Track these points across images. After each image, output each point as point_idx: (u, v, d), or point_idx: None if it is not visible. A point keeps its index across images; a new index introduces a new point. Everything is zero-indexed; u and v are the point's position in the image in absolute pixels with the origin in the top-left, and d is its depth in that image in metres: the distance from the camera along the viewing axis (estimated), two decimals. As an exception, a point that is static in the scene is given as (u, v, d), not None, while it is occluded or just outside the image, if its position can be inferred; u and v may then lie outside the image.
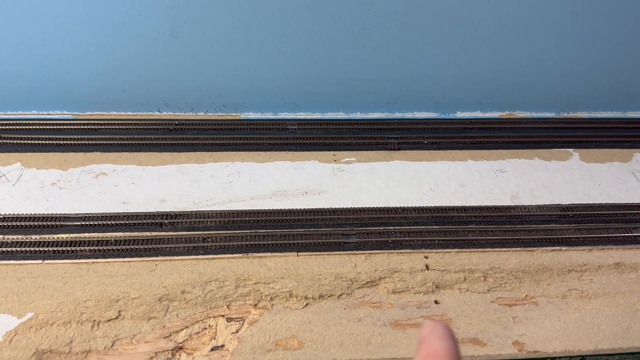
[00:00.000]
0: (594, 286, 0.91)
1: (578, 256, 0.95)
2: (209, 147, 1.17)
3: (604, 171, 1.16)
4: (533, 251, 0.95)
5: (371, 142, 1.21)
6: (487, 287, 0.90)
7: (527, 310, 0.87)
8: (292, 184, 1.08)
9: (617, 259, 0.94)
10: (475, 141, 1.23)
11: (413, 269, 0.91)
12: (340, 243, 0.94)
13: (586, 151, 1.22)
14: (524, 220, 1.00)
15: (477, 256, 0.94)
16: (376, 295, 0.88)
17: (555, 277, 0.92)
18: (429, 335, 0.37)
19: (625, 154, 1.22)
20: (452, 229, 0.97)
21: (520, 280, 0.91)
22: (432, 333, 0.37)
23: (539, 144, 1.23)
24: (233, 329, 0.83)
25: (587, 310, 0.87)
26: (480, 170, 1.15)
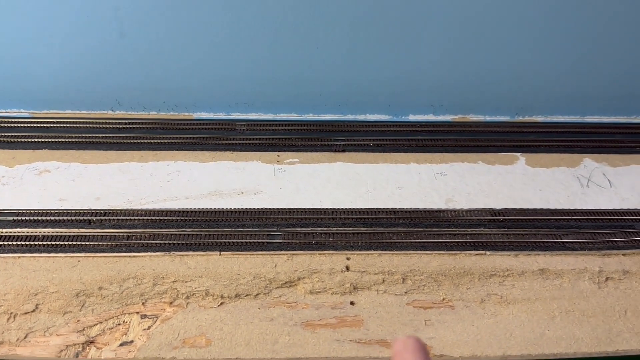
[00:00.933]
0: (514, 292, 0.90)
1: (502, 261, 0.94)
2: (155, 146, 1.19)
3: (548, 176, 1.15)
4: (456, 255, 0.95)
5: (317, 144, 1.21)
6: (404, 290, 0.90)
7: (442, 313, 0.87)
8: (230, 184, 1.09)
9: (542, 265, 0.94)
10: (422, 144, 1.22)
11: (333, 270, 0.91)
12: (264, 243, 0.95)
13: (534, 155, 1.21)
14: (452, 223, 1.00)
15: (399, 258, 0.94)
16: (293, 296, 0.89)
17: (476, 281, 0.92)
18: (401, 350, 0.38)
19: (574, 159, 1.20)
20: (378, 231, 0.97)
21: (439, 284, 0.91)
22: (404, 348, 0.38)
23: (486, 147, 1.22)
24: (145, 325, 0.84)
25: (503, 316, 0.87)
26: (421, 173, 1.14)
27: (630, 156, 1.21)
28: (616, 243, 0.97)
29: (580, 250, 0.96)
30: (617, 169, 1.17)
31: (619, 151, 1.22)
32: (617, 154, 1.22)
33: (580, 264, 0.94)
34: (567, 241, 0.97)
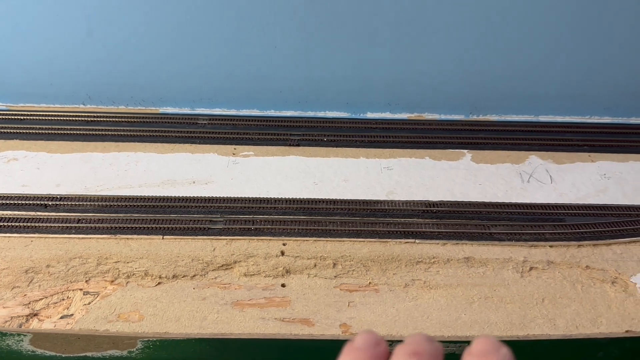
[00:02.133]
0: (438, 278, 0.95)
1: (430, 249, 0.99)
2: (118, 138, 1.26)
3: (491, 171, 1.19)
4: (387, 242, 0.99)
5: (273, 138, 1.27)
6: (334, 274, 0.95)
7: (366, 296, 0.92)
8: (183, 174, 1.15)
9: (468, 253, 0.98)
10: (374, 140, 1.27)
11: (268, 255, 0.97)
12: (206, 229, 1.00)
13: (481, 152, 1.25)
14: (387, 214, 1.05)
15: (332, 245, 0.99)
16: (228, 278, 0.94)
17: (403, 267, 0.96)
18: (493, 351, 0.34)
19: (520, 156, 1.24)
20: (315, 220, 1.03)
21: (367, 269, 0.96)
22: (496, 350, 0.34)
23: (435, 144, 1.27)
24: (87, 301, 0.90)
25: (424, 300, 0.91)
26: (368, 167, 1.19)
27: (577, 154, 1.25)
28: (544, 235, 1.00)
29: (507, 241, 1.00)
30: (561, 166, 1.21)
31: (566, 149, 1.26)
32: (564, 152, 1.25)
33: (506, 253, 0.98)
34: (495, 232, 1.01)
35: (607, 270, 0.96)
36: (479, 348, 0.33)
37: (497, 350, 0.33)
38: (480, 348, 0.33)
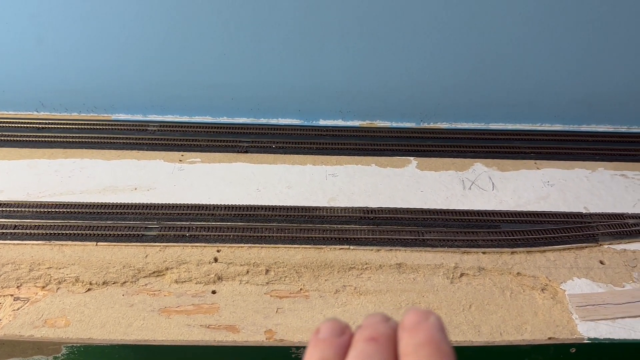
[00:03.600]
0: (369, 284, 0.95)
1: (363, 255, 0.99)
2: (67, 144, 1.26)
3: (434, 178, 1.20)
4: (321, 249, 1.00)
5: (222, 145, 1.28)
6: (266, 280, 0.96)
7: (295, 302, 0.92)
8: (126, 181, 1.16)
9: (401, 260, 0.99)
10: (323, 147, 1.28)
11: (201, 261, 0.97)
12: (140, 235, 1.01)
13: (427, 160, 1.26)
14: (325, 220, 1.05)
15: (266, 251, 0.99)
16: (159, 284, 0.95)
17: (335, 273, 0.97)
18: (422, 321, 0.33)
19: (466, 163, 1.25)
20: (251, 226, 1.03)
21: (300, 275, 0.96)
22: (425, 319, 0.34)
23: (382, 151, 1.27)
24: (16, 307, 0.90)
25: (352, 306, 0.92)
26: (314, 174, 1.20)
27: (522, 161, 1.26)
28: (477, 241, 1.01)
29: (440, 248, 1.00)
30: (505, 174, 1.22)
31: (513, 157, 1.27)
32: (511, 159, 1.26)
33: (438, 260, 0.99)
34: (429, 238, 1.01)
35: (538, 277, 0.96)
36: (409, 320, 0.34)
37: (426, 318, 0.34)
38: (411, 320, 0.34)
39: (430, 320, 0.33)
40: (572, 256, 1.00)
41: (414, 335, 0.33)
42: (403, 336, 0.33)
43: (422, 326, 0.33)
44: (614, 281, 0.95)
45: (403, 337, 0.33)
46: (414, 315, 0.34)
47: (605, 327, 0.87)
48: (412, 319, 0.34)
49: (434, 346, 0.32)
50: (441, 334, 0.33)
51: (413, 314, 0.34)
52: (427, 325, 0.33)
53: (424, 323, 0.33)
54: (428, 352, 0.32)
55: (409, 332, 0.33)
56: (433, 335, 0.32)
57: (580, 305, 0.90)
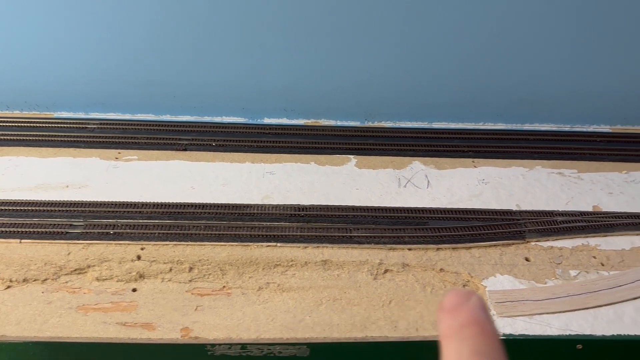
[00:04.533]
0: (293, 280, 0.95)
1: (290, 252, 0.99)
2: (4, 142, 1.24)
3: (371, 177, 1.20)
4: (248, 246, 1.00)
5: (161, 143, 1.27)
6: (189, 278, 0.95)
7: (216, 300, 0.92)
8: (59, 178, 1.15)
9: (327, 256, 0.99)
10: (264, 145, 1.28)
11: (124, 259, 0.96)
12: (64, 232, 1.00)
13: (366, 158, 1.26)
14: (255, 217, 1.05)
15: (191, 249, 0.99)
16: (79, 282, 0.94)
17: (260, 270, 0.97)
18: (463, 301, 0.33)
19: (404, 161, 1.26)
20: (178, 224, 1.02)
21: (224, 272, 0.96)
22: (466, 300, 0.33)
23: (322, 149, 1.28)
24: None
25: (273, 302, 0.92)
26: (251, 172, 1.20)
27: (460, 160, 1.27)
28: (403, 238, 1.02)
29: (367, 244, 1.01)
30: (441, 172, 1.22)
31: (451, 155, 1.28)
32: (449, 158, 1.27)
33: (364, 256, 0.99)
34: (355, 235, 1.02)
35: (461, 273, 0.97)
36: (450, 301, 0.33)
37: (467, 300, 0.33)
38: (452, 301, 0.33)
39: (472, 301, 0.33)
40: (497, 253, 1.01)
41: (456, 316, 0.32)
42: (444, 318, 0.33)
43: (464, 307, 0.32)
44: (537, 278, 0.96)
45: (444, 319, 0.33)
46: (455, 296, 0.33)
47: (522, 323, 0.87)
48: (453, 300, 0.33)
49: (478, 327, 0.31)
50: (484, 314, 0.32)
51: (454, 295, 0.34)
52: (469, 305, 0.32)
53: (465, 304, 0.33)
54: (472, 333, 0.31)
55: (450, 314, 0.33)
56: (476, 315, 0.32)
57: (499, 301, 0.91)
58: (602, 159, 1.28)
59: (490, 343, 0.31)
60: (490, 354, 0.30)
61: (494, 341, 0.31)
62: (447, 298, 0.34)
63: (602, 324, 0.88)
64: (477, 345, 0.30)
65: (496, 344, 0.31)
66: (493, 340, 0.31)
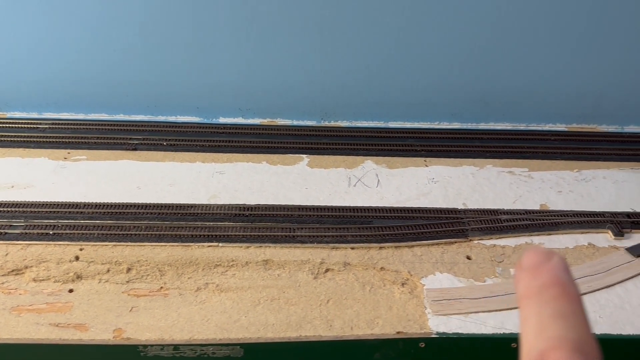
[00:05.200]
0: (232, 280, 0.95)
1: (231, 252, 0.99)
2: (-49, 142, 1.23)
3: (322, 176, 1.20)
4: (189, 246, 0.99)
5: (111, 142, 1.26)
6: (127, 279, 0.94)
7: (153, 301, 0.91)
8: (6, 179, 1.13)
9: (269, 256, 0.98)
10: (216, 145, 1.27)
11: (62, 260, 0.95)
12: (3, 233, 0.98)
13: (319, 157, 1.26)
14: (198, 217, 1.05)
15: (130, 249, 0.98)
16: (16, 283, 0.93)
17: (200, 271, 0.96)
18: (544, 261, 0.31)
19: (357, 160, 1.26)
20: (120, 224, 1.02)
21: (163, 273, 0.95)
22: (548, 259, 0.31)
23: (276, 149, 1.27)
24: None
25: (210, 303, 0.91)
26: (201, 172, 1.19)
27: (412, 159, 1.27)
28: (346, 237, 1.01)
29: (309, 244, 1.00)
30: (392, 171, 1.22)
31: (404, 154, 1.28)
32: (401, 157, 1.27)
33: (305, 256, 0.99)
34: (299, 235, 1.01)
35: (401, 271, 0.97)
36: (530, 261, 0.31)
37: (548, 259, 0.30)
38: (531, 260, 0.31)
39: (554, 261, 0.30)
40: (439, 251, 1.01)
41: (536, 276, 0.30)
42: (523, 277, 0.30)
43: (546, 267, 0.30)
44: (476, 276, 0.96)
45: (523, 279, 0.30)
46: (535, 255, 0.31)
47: (456, 321, 0.87)
48: (533, 259, 0.31)
49: (560, 288, 0.29)
50: (567, 275, 0.30)
51: (534, 253, 0.31)
52: (551, 265, 0.30)
53: (547, 263, 0.30)
54: (554, 294, 0.29)
55: (530, 273, 0.30)
56: (559, 276, 0.30)
57: (435, 299, 0.91)
58: (555, 157, 1.29)
59: (573, 306, 0.28)
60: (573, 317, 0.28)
61: (577, 304, 0.29)
62: (527, 257, 0.31)
63: (537, 321, 0.88)
64: (559, 307, 0.28)
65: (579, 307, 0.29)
66: (576, 303, 0.29)
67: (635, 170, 1.26)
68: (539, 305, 0.29)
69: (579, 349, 0.26)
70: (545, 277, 0.29)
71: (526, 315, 0.29)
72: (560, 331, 0.27)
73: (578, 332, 0.27)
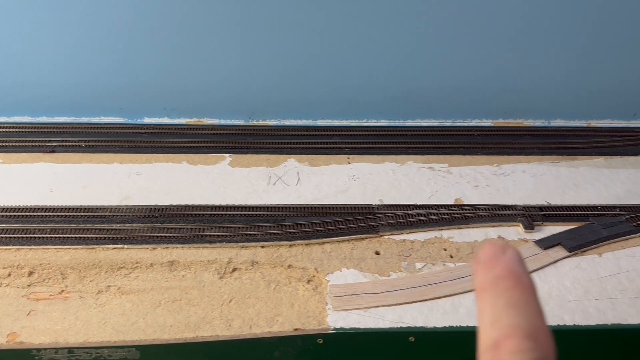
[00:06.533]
0: (135, 282, 0.94)
1: (137, 254, 0.98)
2: None
3: (242, 175, 1.19)
4: (94, 248, 0.98)
5: (28, 145, 1.24)
6: (28, 282, 0.93)
7: (52, 304, 0.90)
8: None
9: (175, 257, 0.98)
10: (137, 146, 1.26)
11: (-40, 265, 0.93)
12: None
13: (242, 156, 1.26)
14: (106, 219, 1.03)
15: (34, 253, 0.96)
16: None
17: (103, 274, 0.95)
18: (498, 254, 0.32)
19: (280, 159, 1.26)
20: (24, 227, 1.00)
21: (65, 276, 0.94)
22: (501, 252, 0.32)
23: (198, 149, 1.26)
24: None
25: (110, 306, 0.90)
26: (117, 173, 1.18)
27: (335, 157, 1.27)
28: (256, 236, 1.01)
29: (218, 243, 1.00)
30: (314, 169, 1.23)
31: (327, 152, 1.28)
32: (325, 155, 1.27)
33: (213, 255, 0.98)
34: (208, 234, 1.01)
35: (308, 268, 0.97)
36: (485, 255, 0.32)
37: (502, 252, 0.32)
38: (486, 254, 0.32)
39: (508, 253, 0.32)
40: (349, 247, 1.01)
41: (491, 268, 0.31)
42: (479, 270, 0.32)
43: (500, 259, 0.32)
44: (382, 271, 0.97)
45: (479, 272, 0.32)
46: (491, 249, 0.32)
47: (355, 316, 0.88)
48: (489, 252, 0.32)
49: (514, 279, 0.30)
50: (520, 266, 0.31)
51: (489, 247, 0.33)
52: (505, 258, 0.32)
53: (501, 256, 0.32)
54: (507, 285, 0.30)
55: (486, 266, 0.32)
56: (512, 267, 0.31)
57: (337, 295, 0.91)
58: (476, 152, 1.30)
59: (526, 295, 0.30)
60: (526, 306, 0.29)
61: (530, 294, 0.30)
62: (483, 251, 0.33)
63: (437, 315, 0.89)
64: (512, 297, 0.30)
65: (532, 297, 0.30)
66: (529, 293, 0.30)
67: (555, 163, 1.29)
68: (494, 296, 0.30)
69: (531, 336, 0.28)
70: (499, 269, 0.31)
71: (482, 307, 0.30)
72: (513, 320, 0.29)
73: (530, 320, 0.29)
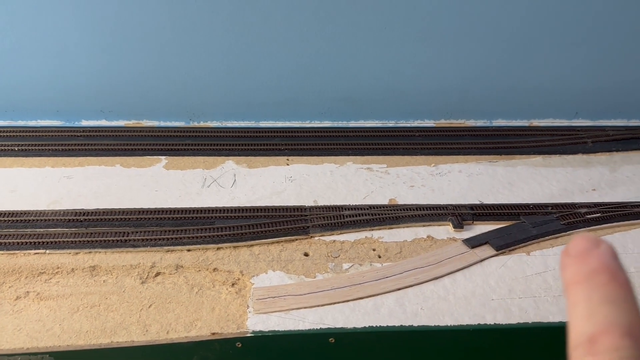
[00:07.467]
0: (55, 288, 0.92)
1: (58, 259, 0.96)
2: None
3: (177, 178, 1.18)
4: (15, 254, 0.96)
5: (-42, 149, 1.21)
6: (-58, 291, 0.90)
7: (-35, 312, 0.87)
8: None
9: (97, 262, 0.96)
10: (70, 149, 1.24)
11: None
12: None
13: (179, 159, 1.24)
14: (29, 224, 1.01)
15: (-50, 260, 0.94)
16: None
17: (23, 279, 0.93)
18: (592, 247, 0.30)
19: (218, 161, 1.25)
20: (-58, 234, 0.97)
21: (-19, 283, 0.92)
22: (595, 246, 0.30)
23: (135, 151, 1.25)
24: None
25: (27, 312, 0.88)
26: (47, 177, 1.16)
27: (274, 158, 1.27)
28: (182, 239, 1.00)
29: (142, 247, 0.99)
30: (251, 170, 1.22)
31: (267, 154, 1.28)
32: (264, 157, 1.27)
33: (137, 260, 0.97)
34: (132, 238, 0.99)
35: (234, 271, 0.96)
36: (577, 247, 0.30)
37: (596, 246, 0.30)
38: (579, 246, 0.30)
39: (602, 247, 0.30)
40: (278, 249, 1.01)
41: (585, 262, 0.29)
42: (570, 263, 0.30)
43: (594, 253, 0.30)
44: (308, 272, 0.97)
45: (571, 265, 0.30)
46: (583, 241, 0.30)
47: (276, 319, 0.87)
48: (581, 245, 0.30)
49: (610, 274, 0.29)
50: (616, 261, 0.30)
51: (581, 240, 0.31)
52: (600, 251, 0.30)
53: (595, 250, 0.30)
54: (603, 280, 0.28)
55: (578, 259, 0.30)
56: (608, 262, 0.29)
57: (260, 298, 0.90)
58: (416, 153, 1.31)
59: (623, 292, 0.28)
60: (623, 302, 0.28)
61: (627, 290, 0.28)
62: (574, 243, 0.31)
63: (358, 316, 0.89)
64: (608, 292, 0.28)
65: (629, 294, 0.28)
66: (626, 289, 0.28)
67: (492, 162, 1.30)
68: (588, 290, 0.29)
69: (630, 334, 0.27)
70: (594, 263, 0.30)
71: (575, 301, 0.29)
72: (610, 315, 0.27)
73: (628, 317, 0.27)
